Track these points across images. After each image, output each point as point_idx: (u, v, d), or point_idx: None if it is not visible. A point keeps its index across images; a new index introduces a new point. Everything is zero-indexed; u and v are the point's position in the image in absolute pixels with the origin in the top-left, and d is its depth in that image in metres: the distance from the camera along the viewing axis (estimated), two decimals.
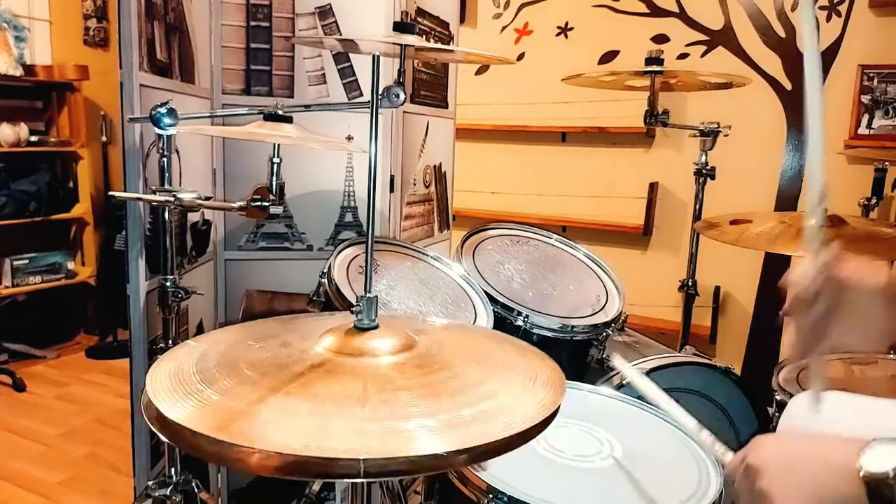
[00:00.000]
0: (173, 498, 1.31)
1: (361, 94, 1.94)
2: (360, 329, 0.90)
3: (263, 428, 0.68)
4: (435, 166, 2.36)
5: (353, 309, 0.90)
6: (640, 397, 1.37)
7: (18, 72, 3.53)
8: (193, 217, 1.76)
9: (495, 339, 1.05)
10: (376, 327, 0.90)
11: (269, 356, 0.87)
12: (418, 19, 2.10)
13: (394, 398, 0.76)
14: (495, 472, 1.04)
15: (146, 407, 0.75)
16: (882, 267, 0.87)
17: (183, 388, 0.78)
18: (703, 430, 0.95)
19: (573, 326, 1.68)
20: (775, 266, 3.01)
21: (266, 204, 1.21)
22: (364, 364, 0.84)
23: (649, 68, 1.95)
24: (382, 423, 0.71)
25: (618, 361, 1.29)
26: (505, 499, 0.99)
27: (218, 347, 0.91)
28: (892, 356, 1.50)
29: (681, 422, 1.00)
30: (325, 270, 1.54)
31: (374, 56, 0.88)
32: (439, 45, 2.13)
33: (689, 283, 2.18)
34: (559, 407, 0.79)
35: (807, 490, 0.69)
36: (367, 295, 0.89)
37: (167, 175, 1.29)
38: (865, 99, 2.83)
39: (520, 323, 1.63)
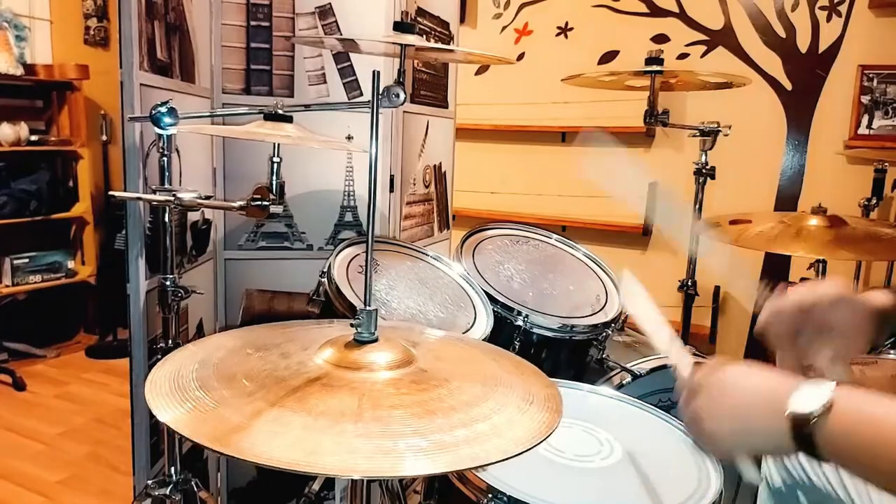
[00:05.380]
0: (173, 497, 1.31)
1: (361, 94, 1.94)
2: (359, 342, 0.90)
3: (257, 441, 0.70)
4: (435, 166, 2.36)
5: (353, 322, 0.90)
6: (641, 397, 1.37)
7: (19, 71, 3.52)
8: (193, 216, 1.75)
9: (494, 355, 1.05)
10: (375, 340, 0.90)
11: (269, 367, 0.87)
12: (418, 19, 2.10)
13: (388, 416, 0.77)
14: (495, 472, 1.04)
15: None
16: (842, 283, 0.90)
17: (181, 394, 0.79)
18: (675, 340, 0.96)
19: (573, 326, 1.68)
20: (775, 266, 3.01)
21: (266, 203, 1.21)
22: (361, 378, 0.85)
23: (649, 68, 1.95)
24: (374, 442, 0.72)
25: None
26: (505, 499, 0.99)
27: (218, 354, 0.91)
28: (891, 356, 1.50)
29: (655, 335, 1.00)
30: (325, 270, 1.54)
31: (374, 72, 0.88)
32: (439, 45, 2.13)
33: (689, 283, 2.18)
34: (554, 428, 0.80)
35: (735, 417, 0.72)
36: (367, 308, 0.89)
37: (167, 174, 1.29)
38: (865, 99, 2.83)
39: (520, 323, 1.63)
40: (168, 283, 1.31)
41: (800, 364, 0.91)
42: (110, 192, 1.33)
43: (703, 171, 2.10)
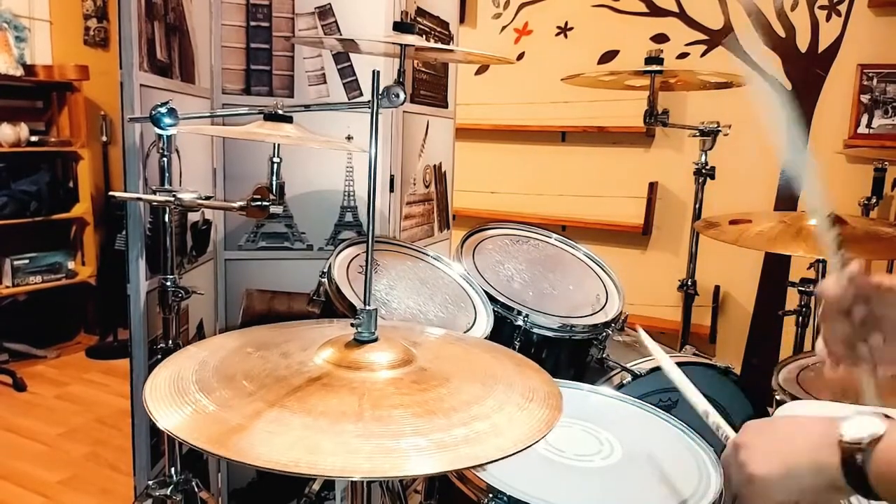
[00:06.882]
0: (173, 497, 1.31)
1: (361, 94, 1.94)
2: (359, 342, 0.90)
3: (256, 442, 0.70)
4: (435, 166, 2.36)
5: (353, 322, 0.90)
6: (641, 397, 1.38)
7: (19, 72, 3.53)
8: (193, 217, 1.76)
9: (494, 353, 1.05)
10: (375, 340, 0.90)
11: (269, 367, 0.87)
12: (418, 19, 2.10)
13: (388, 415, 0.77)
14: (495, 472, 1.04)
15: None
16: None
17: (181, 397, 0.79)
18: (710, 414, 0.95)
19: (573, 326, 1.68)
20: (775, 266, 3.01)
21: (266, 204, 1.21)
22: (361, 378, 0.85)
23: (649, 68, 1.95)
24: (374, 442, 0.71)
25: (646, 338, 1.22)
26: (505, 499, 0.99)
27: (219, 354, 0.91)
28: None
29: (692, 401, 1.00)
30: (325, 270, 1.54)
31: (374, 71, 0.88)
32: (439, 45, 2.13)
33: (689, 283, 2.18)
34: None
35: (783, 454, 0.70)
36: (367, 308, 0.89)
37: (167, 175, 1.29)
38: (865, 98, 2.83)
39: (520, 322, 1.63)
40: (168, 283, 1.31)
41: (840, 348, 0.85)
42: (110, 193, 1.33)
43: (703, 171, 2.10)
